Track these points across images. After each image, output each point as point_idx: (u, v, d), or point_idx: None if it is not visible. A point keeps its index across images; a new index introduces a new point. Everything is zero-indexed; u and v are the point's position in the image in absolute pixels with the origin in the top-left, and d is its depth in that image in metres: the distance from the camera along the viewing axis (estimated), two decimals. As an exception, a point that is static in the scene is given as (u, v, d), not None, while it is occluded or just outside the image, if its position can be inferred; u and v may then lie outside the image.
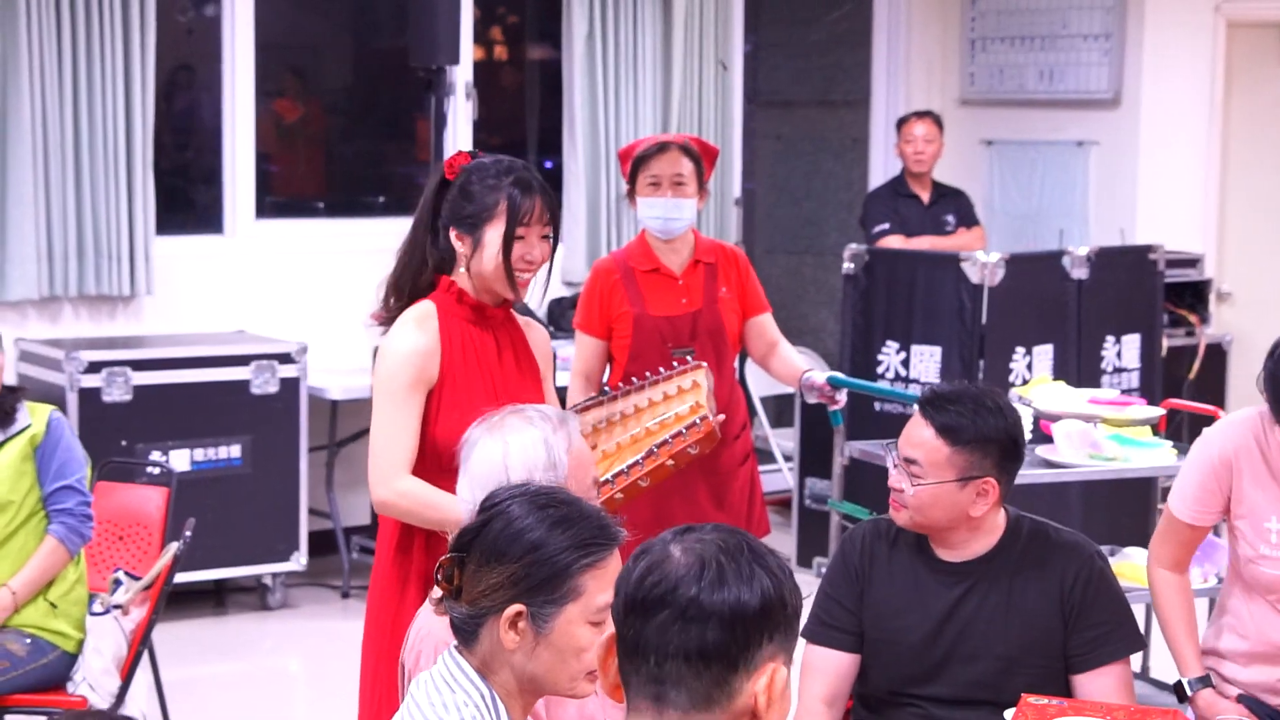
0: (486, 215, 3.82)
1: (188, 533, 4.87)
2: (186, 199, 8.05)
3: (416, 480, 3.76)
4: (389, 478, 3.75)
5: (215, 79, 7.69)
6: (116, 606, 4.82)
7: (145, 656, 4.92)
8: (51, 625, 4.69)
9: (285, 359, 6.99)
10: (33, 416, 4.73)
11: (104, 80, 7.04)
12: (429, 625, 2.98)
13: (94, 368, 6.64)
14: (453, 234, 3.86)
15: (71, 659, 4.72)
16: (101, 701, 4.66)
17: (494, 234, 3.81)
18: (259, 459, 6.94)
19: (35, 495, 4.70)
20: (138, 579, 4.90)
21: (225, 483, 6.84)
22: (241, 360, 6.93)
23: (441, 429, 3.78)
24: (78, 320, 7.21)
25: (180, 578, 5.08)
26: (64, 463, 4.71)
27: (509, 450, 3.18)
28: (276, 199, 8.16)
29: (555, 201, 3.90)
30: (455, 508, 3.43)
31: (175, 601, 6.31)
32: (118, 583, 4.89)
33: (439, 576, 2.62)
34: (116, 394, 6.68)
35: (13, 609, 4.64)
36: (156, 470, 5.38)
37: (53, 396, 6.13)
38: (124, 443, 6.63)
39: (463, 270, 3.87)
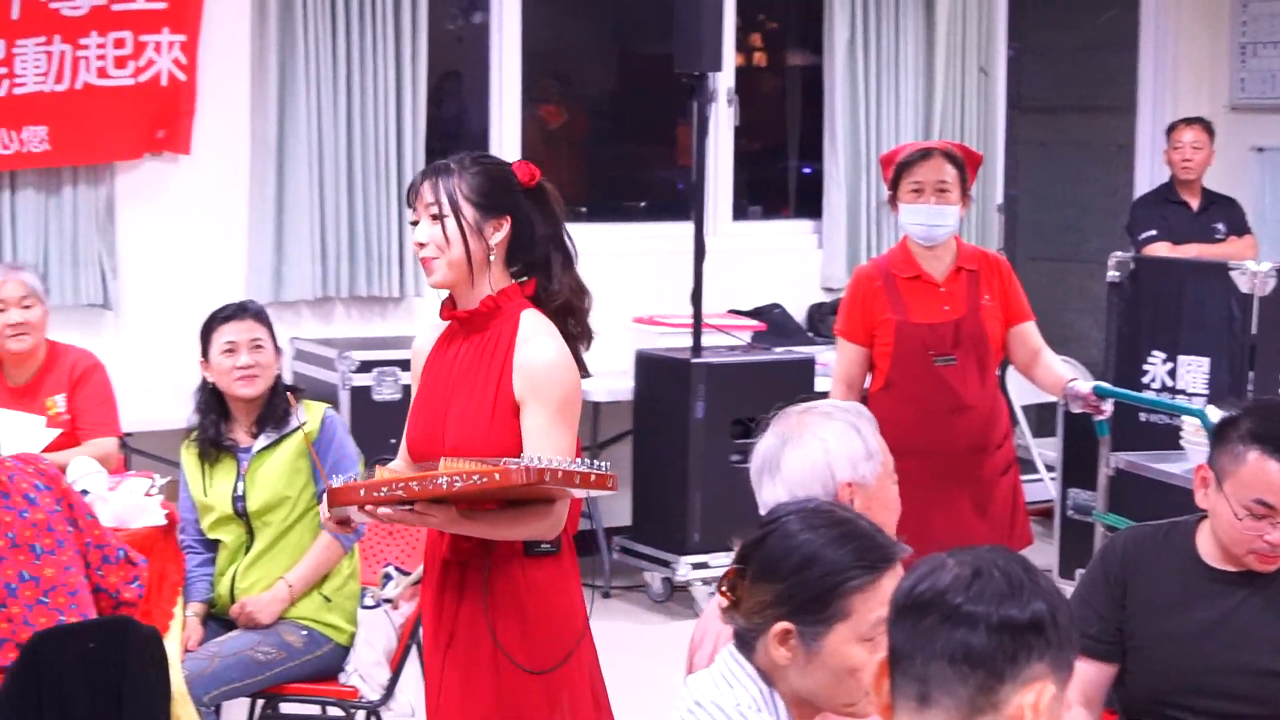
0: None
1: (455, 530, 4.96)
2: (453, 203, 8.19)
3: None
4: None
5: (483, 85, 7.83)
6: (387, 601, 4.94)
7: (414, 650, 5.04)
8: (325, 618, 4.83)
9: (548, 361, 7.07)
10: (308, 414, 4.88)
11: (377, 87, 7.21)
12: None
13: (365, 367, 6.80)
14: None
15: (344, 651, 4.85)
16: (372, 693, 4.79)
17: None
18: (522, 459, 7.02)
19: (310, 491, 4.83)
20: (407, 574, 5.01)
21: (489, 482, 6.93)
22: (506, 362, 7.02)
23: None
24: (349, 320, 7.38)
25: (447, 574, 5.17)
26: (338, 460, 4.84)
27: (829, 446, 3.16)
28: (540, 203, 8.26)
29: (446, 179, 3.51)
30: None
31: (440, 597, 6.42)
32: (388, 577, 5.00)
33: (722, 588, 2.64)
34: (386, 393, 6.83)
35: (289, 602, 4.80)
36: (425, 468, 5.48)
37: (325, 395, 6.29)
38: (393, 440, 6.70)
39: None
